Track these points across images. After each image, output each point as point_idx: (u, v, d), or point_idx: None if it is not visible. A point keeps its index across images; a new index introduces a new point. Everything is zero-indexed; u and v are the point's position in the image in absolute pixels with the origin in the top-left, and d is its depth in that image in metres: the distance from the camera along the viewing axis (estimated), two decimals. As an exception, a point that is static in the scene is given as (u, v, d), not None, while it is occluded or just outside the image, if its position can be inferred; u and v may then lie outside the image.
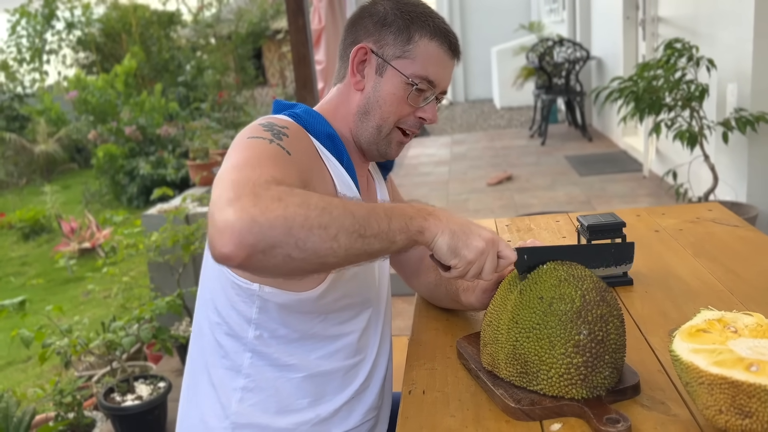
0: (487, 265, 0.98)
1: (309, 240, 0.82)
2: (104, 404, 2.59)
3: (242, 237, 0.79)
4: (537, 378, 0.97)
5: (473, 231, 0.98)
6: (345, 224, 0.85)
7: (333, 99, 1.22)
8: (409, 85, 1.15)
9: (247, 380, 1.12)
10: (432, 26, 1.15)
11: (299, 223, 0.82)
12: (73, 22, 10.87)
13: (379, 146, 1.19)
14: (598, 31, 7.67)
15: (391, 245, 0.91)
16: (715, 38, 3.97)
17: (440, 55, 1.16)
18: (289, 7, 3.82)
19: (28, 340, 2.35)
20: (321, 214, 0.83)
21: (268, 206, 0.81)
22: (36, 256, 6.43)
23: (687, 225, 1.76)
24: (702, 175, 3.95)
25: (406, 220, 0.93)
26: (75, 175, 10.10)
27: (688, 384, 0.87)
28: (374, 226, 0.88)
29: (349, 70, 1.17)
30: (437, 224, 0.95)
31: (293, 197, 0.83)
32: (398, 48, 1.14)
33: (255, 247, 0.80)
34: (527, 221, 1.96)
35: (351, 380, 1.19)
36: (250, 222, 0.79)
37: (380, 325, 1.26)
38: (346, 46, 1.20)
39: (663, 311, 1.28)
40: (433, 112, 1.19)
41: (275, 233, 0.80)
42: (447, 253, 0.96)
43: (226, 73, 10.12)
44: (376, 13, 1.17)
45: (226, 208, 0.81)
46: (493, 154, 7.29)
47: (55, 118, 9.67)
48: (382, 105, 1.16)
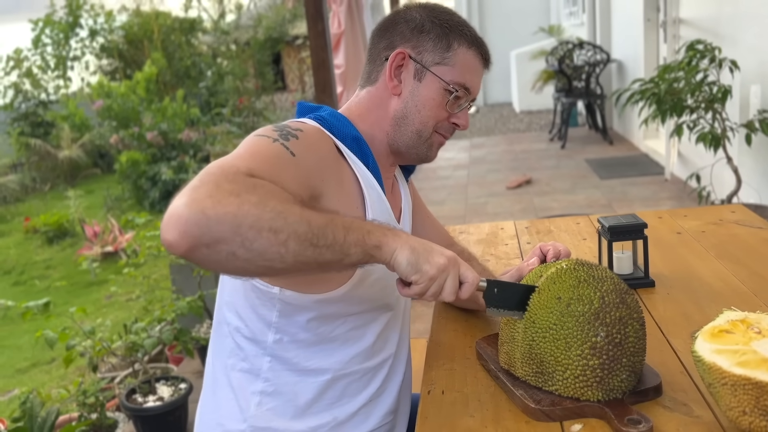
0: (448, 284, 0.95)
1: (256, 241, 0.81)
2: (126, 405, 2.61)
3: (188, 227, 0.78)
4: (552, 378, 0.97)
5: (434, 249, 0.96)
6: (298, 231, 0.84)
7: (363, 102, 1.21)
8: (448, 92, 1.16)
9: (265, 384, 1.12)
10: (469, 35, 1.18)
11: (249, 222, 0.80)
12: (96, 30, 11.03)
13: (419, 150, 1.19)
14: (618, 34, 7.61)
15: (344, 257, 0.89)
16: (737, 39, 3.92)
17: (476, 63, 1.19)
18: (308, 12, 3.84)
19: (53, 341, 2.39)
20: (275, 218, 0.82)
21: (221, 200, 0.80)
22: (60, 260, 6.52)
23: (710, 227, 1.74)
24: (725, 178, 3.90)
25: (363, 234, 0.91)
26: (98, 180, 10.23)
27: (711, 385, 0.86)
28: (329, 237, 0.87)
29: (386, 75, 1.17)
30: (396, 240, 0.94)
31: (252, 195, 0.82)
32: (437, 54, 1.16)
33: (199, 240, 0.79)
34: (547, 223, 1.95)
35: (368, 383, 1.18)
36: (198, 213, 0.78)
37: (399, 328, 1.25)
38: (380, 50, 1.20)
39: (685, 313, 1.26)
40: (466, 118, 1.21)
41: (222, 228, 0.79)
42: (407, 268, 0.93)
43: (246, 78, 10.21)
44: (412, 19, 1.18)
45: (183, 195, 0.80)
46: (512, 158, 7.26)
47: (79, 124, 9.82)
48: (421, 110, 1.16)
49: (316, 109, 1.19)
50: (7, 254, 7.02)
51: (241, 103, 9.17)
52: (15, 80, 10.90)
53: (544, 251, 1.30)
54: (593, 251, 1.63)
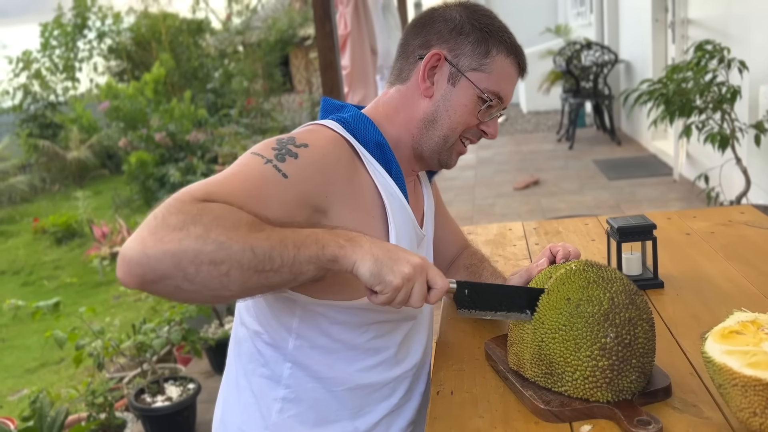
0: (416, 291, 0.93)
1: (198, 275, 0.82)
2: (135, 405, 2.63)
3: (131, 267, 0.81)
4: (562, 379, 0.96)
5: (400, 257, 0.93)
6: (241, 260, 0.84)
7: (392, 101, 1.17)
8: (481, 100, 1.13)
9: (287, 391, 1.11)
10: (509, 43, 1.14)
11: (189, 258, 0.82)
12: (104, 31, 11.09)
13: (442, 156, 1.16)
14: (626, 34, 7.59)
15: (298, 276, 0.89)
16: (746, 40, 3.91)
17: (512, 73, 1.15)
18: (316, 13, 3.85)
19: (62, 340, 2.40)
20: (215, 250, 0.83)
21: (164, 237, 0.81)
22: (68, 260, 6.56)
23: (719, 228, 1.73)
24: (734, 179, 3.88)
25: (317, 250, 0.89)
26: (106, 180, 10.28)
27: (721, 386, 0.86)
28: (276, 261, 0.86)
29: (420, 75, 1.13)
30: (355, 251, 0.91)
31: (196, 226, 0.83)
32: (475, 60, 1.12)
33: (143, 278, 0.82)
34: (555, 224, 1.94)
35: (391, 393, 1.17)
36: (140, 254, 0.81)
37: (423, 337, 1.24)
38: (414, 48, 1.16)
39: (695, 314, 1.26)
40: (496, 127, 1.18)
41: (163, 266, 0.81)
42: (370, 279, 0.91)
43: (254, 80, 10.23)
44: (452, 19, 1.14)
45: (132, 236, 0.83)
46: (519, 159, 7.25)
47: (87, 126, 9.87)
48: (452, 115, 1.13)
49: (340, 108, 1.16)
50: (16, 255, 7.07)
51: (249, 104, 9.20)
52: (24, 82, 10.97)
53: (554, 252, 1.29)
54: (602, 252, 1.63)
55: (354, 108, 1.16)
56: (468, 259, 1.40)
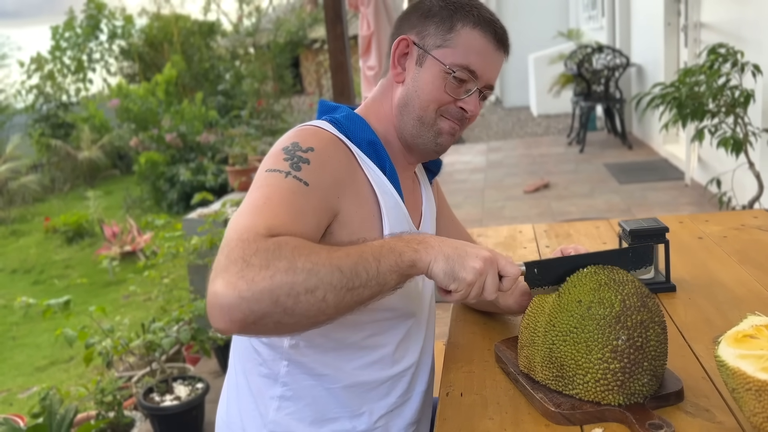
0: (489, 284, 0.95)
1: (298, 306, 0.84)
2: (143, 404, 2.63)
3: (231, 314, 0.82)
4: (573, 382, 0.96)
5: (469, 252, 0.94)
6: (333, 282, 0.85)
7: (377, 95, 1.20)
8: (447, 74, 1.11)
9: (284, 389, 1.11)
10: (476, 15, 1.12)
11: (285, 292, 0.83)
12: (116, 33, 11.16)
13: (426, 138, 1.14)
14: (638, 38, 7.56)
15: (383, 287, 0.90)
16: (760, 43, 3.88)
17: (484, 44, 1.12)
18: (327, 15, 3.86)
19: (72, 339, 2.41)
20: (307, 278, 0.84)
21: (254, 278, 0.82)
22: (79, 260, 6.59)
23: (731, 232, 1.72)
24: (746, 184, 3.85)
25: (395, 258, 0.91)
26: (117, 180, 10.34)
27: (734, 390, 0.85)
28: (362, 275, 0.88)
29: (391, 63, 1.15)
30: (429, 252, 0.93)
31: (280, 261, 0.83)
32: (439, 37, 1.11)
33: (245, 321, 0.82)
34: (566, 227, 1.93)
35: (390, 392, 1.16)
36: (237, 299, 0.81)
37: (422, 336, 1.23)
38: (391, 41, 1.18)
39: (707, 318, 1.25)
40: (475, 104, 1.14)
41: (262, 306, 0.82)
42: (444, 279, 0.93)
43: (264, 81, 10.27)
44: (422, 6, 1.15)
45: (216, 279, 0.83)
46: (529, 162, 7.23)
47: (99, 126, 9.94)
48: (420, 94, 1.12)
49: (335, 109, 1.17)
50: (27, 253, 7.12)
51: (259, 106, 9.22)
52: (37, 82, 11.06)
53: (565, 254, 1.29)
54: (613, 255, 1.62)
55: (347, 108, 1.17)
56: None
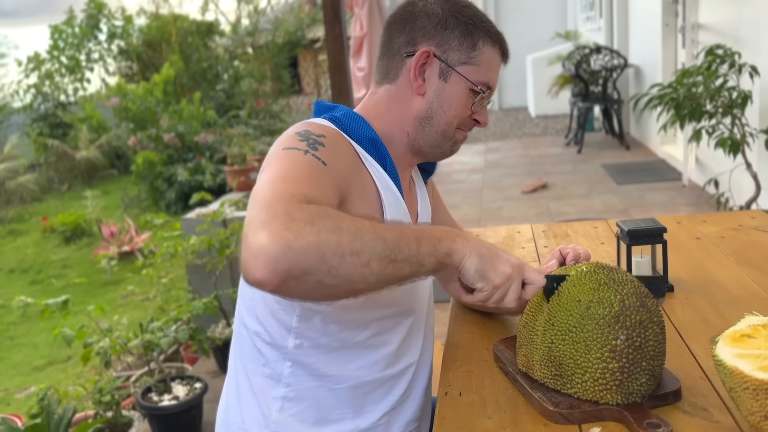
0: (511, 291, 0.97)
1: (342, 267, 0.82)
2: (142, 403, 2.63)
3: (276, 263, 0.78)
4: (571, 381, 0.96)
5: (501, 256, 0.97)
6: (377, 250, 0.84)
7: (383, 101, 1.18)
8: (473, 92, 1.14)
9: (287, 389, 1.11)
10: (492, 32, 1.16)
11: (332, 249, 0.81)
12: (115, 32, 11.15)
13: (443, 148, 1.18)
14: (635, 39, 7.57)
15: (420, 269, 0.90)
16: (758, 44, 3.89)
17: (497, 61, 1.18)
18: (326, 15, 3.86)
19: (70, 338, 2.41)
20: (353, 240, 0.82)
21: (300, 231, 0.79)
22: (77, 259, 6.59)
23: (729, 232, 1.72)
24: (743, 184, 3.86)
25: (434, 243, 0.91)
26: (115, 180, 10.33)
27: (732, 389, 0.86)
28: (404, 251, 0.87)
29: (411, 74, 1.14)
30: (465, 246, 0.94)
31: (326, 220, 0.82)
32: (464, 54, 1.13)
33: (289, 273, 0.79)
34: (564, 227, 1.94)
35: (391, 390, 1.17)
36: (284, 247, 0.78)
37: (422, 333, 1.24)
38: (399, 45, 1.15)
39: (705, 318, 1.25)
40: (487, 115, 1.20)
41: (308, 259, 0.79)
42: (474, 276, 0.94)
43: (262, 81, 10.26)
44: (434, 14, 1.14)
45: (260, 231, 0.79)
46: (527, 162, 7.24)
47: (97, 126, 9.93)
48: (447, 110, 1.14)
49: (332, 109, 1.17)
50: (25, 253, 7.11)
51: (258, 106, 9.22)
52: (35, 82, 11.05)
53: (564, 254, 1.29)
54: (611, 255, 1.62)
55: (345, 108, 1.17)
56: None
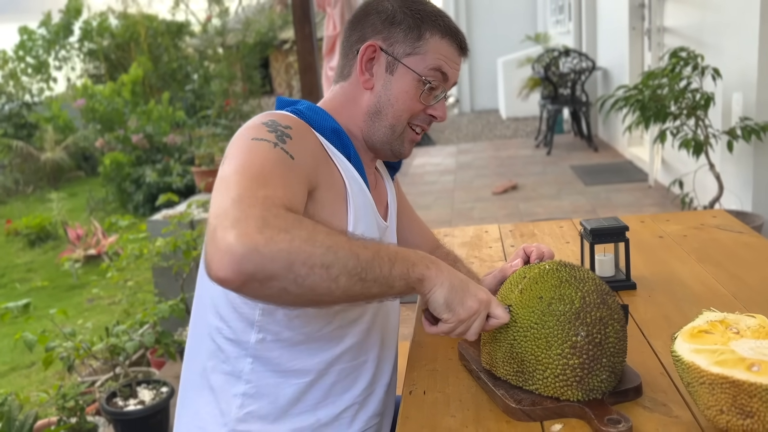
0: (475, 325, 0.97)
1: (309, 278, 0.82)
2: (107, 409, 2.58)
3: (242, 264, 0.78)
4: (533, 378, 0.97)
5: (470, 290, 0.96)
6: (348, 266, 0.84)
7: (337, 97, 1.19)
8: (421, 83, 1.13)
9: (248, 386, 1.10)
10: (442, 25, 1.15)
11: (302, 259, 0.81)
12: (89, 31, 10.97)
13: (393, 145, 1.18)
14: (603, 42, 7.68)
15: (389, 290, 0.90)
16: (720, 48, 3.97)
17: (450, 51, 1.16)
18: (295, 15, 3.85)
19: (32, 343, 2.35)
20: (325, 253, 0.82)
21: (273, 236, 0.79)
22: (41, 263, 6.45)
23: (691, 231, 1.75)
24: (707, 185, 3.94)
25: (408, 266, 0.91)
26: (82, 182, 10.15)
27: (689, 384, 0.87)
28: (376, 270, 0.87)
29: (358, 69, 1.15)
30: (438, 275, 0.94)
31: (300, 230, 0.82)
32: (408, 45, 1.13)
33: (253, 276, 0.79)
34: (531, 227, 1.95)
35: (353, 384, 1.16)
36: (252, 250, 0.78)
37: (386, 326, 1.23)
38: (352, 44, 1.17)
39: (666, 315, 1.27)
40: (443, 109, 1.18)
41: (276, 266, 0.79)
42: (442, 306, 0.94)
43: (233, 82, 10.18)
44: (384, 10, 1.15)
45: (230, 229, 0.79)
46: (498, 164, 7.29)
47: (63, 126, 9.74)
48: (394, 103, 1.14)
49: (294, 103, 1.17)
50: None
51: (227, 106, 9.15)
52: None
53: (528, 252, 1.30)
54: (576, 254, 1.64)
55: (307, 102, 1.17)
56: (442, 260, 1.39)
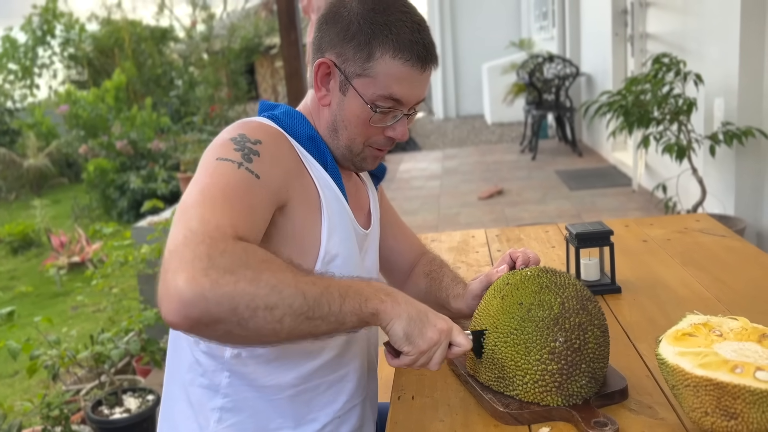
0: (437, 355, 0.95)
1: (252, 320, 0.81)
2: (92, 417, 2.56)
3: (188, 310, 0.79)
4: (513, 383, 0.97)
5: (429, 320, 0.94)
6: (294, 306, 0.83)
7: (310, 103, 1.16)
8: (371, 109, 1.06)
9: (225, 400, 1.08)
10: (395, 41, 1.03)
11: (245, 302, 0.80)
12: (69, 39, 10.89)
13: (354, 162, 1.14)
14: (587, 48, 7.75)
15: (340, 326, 0.88)
16: (702, 54, 4.02)
17: (405, 72, 1.04)
18: (281, 21, 3.85)
19: (15, 351, 2.33)
20: (269, 294, 0.82)
21: (218, 279, 0.79)
22: (24, 271, 6.38)
23: (675, 235, 1.77)
24: (690, 189, 3.98)
25: (360, 302, 0.89)
26: (65, 189, 10.05)
27: (674, 387, 0.88)
28: (324, 308, 0.86)
29: (314, 84, 1.09)
30: (395, 308, 0.92)
31: (246, 269, 0.81)
32: (358, 65, 1.04)
33: (199, 321, 0.80)
34: (517, 232, 1.97)
35: (335, 398, 1.14)
36: (198, 296, 0.79)
37: (368, 338, 1.22)
38: (314, 51, 1.11)
39: (651, 318, 1.28)
40: (403, 130, 1.11)
41: (220, 310, 0.80)
42: (402, 339, 0.92)
43: (218, 87, 10.16)
44: (341, 19, 1.06)
45: (179, 272, 0.79)
46: (484, 169, 7.32)
47: (46, 133, 9.66)
48: (347, 126, 1.09)
49: (274, 107, 1.16)
50: (-30, 265, 6.85)
51: (213, 112, 9.12)
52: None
53: (514, 258, 1.30)
54: (562, 259, 1.65)
55: (285, 105, 1.15)
56: (427, 266, 1.38)
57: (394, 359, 0.96)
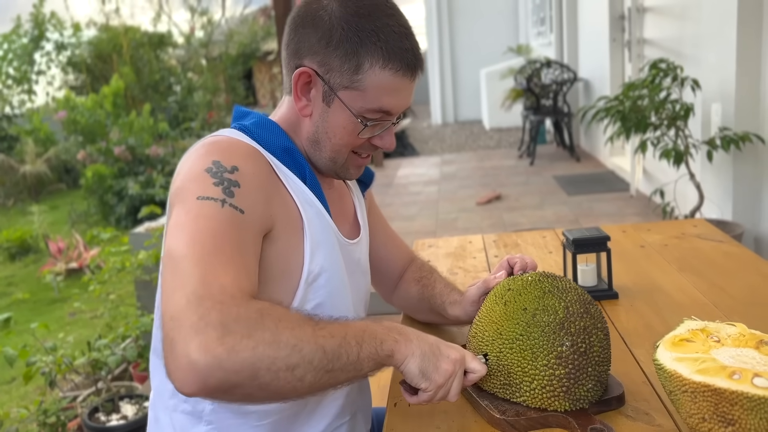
0: (455, 386, 0.93)
1: (273, 383, 0.79)
2: (89, 424, 2.55)
3: (206, 380, 0.75)
4: (520, 390, 0.97)
5: (442, 352, 0.93)
6: (314, 362, 0.81)
7: (288, 111, 1.10)
8: (360, 122, 1.03)
9: (209, 427, 1.06)
10: (384, 49, 0.98)
11: (266, 366, 0.78)
12: (63, 43, 10.90)
13: (337, 172, 1.11)
14: (585, 53, 7.77)
15: (357, 374, 0.86)
16: (699, 59, 4.03)
17: (396, 82, 1.00)
18: (279, 27, 3.86)
19: (12, 358, 2.32)
20: (290, 354, 0.79)
21: (235, 346, 0.76)
22: (22, 276, 6.37)
23: (672, 240, 1.77)
24: (688, 194, 3.98)
25: (376, 346, 0.87)
26: (63, 195, 10.04)
27: (671, 393, 0.88)
28: (343, 359, 0.84)
29: (294, 94, 1.04)
30: (408, 346, 0.90)
31: (264, 332, 0.78)
32: (345, 77, 0.99)
33: (217, 389, 0.77)
34: (514, 237, 1.96)
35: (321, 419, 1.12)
36: (215, 366, 0.75)
37: None
38: (290, 55, 1.04)
39: (648, 324, 1.28)
40: (391, 140, 1.07)
41: (240, 377, 0.77)
42: (418, 376, 0.91)
43: (216, 93, 10.16)
44: (321, 23, 1.00)
45: (190, 342, 0.75)
46: (482, 174, 7.33)
47: (44, 139, 9.66)
48: (332, 137, 1.05)
49: (246, 115, 1.10)
50: (-33, 271, 6.83)
51: (210, 118, 9.13)
52: (-22, 93, 10.70)
53: (512, 264, 1.29)
54: (559, 264, 1.65)
55: (258, 114, 1.09)
56: (417, 272, 1.37)
57: (412, 396, 0.94)
